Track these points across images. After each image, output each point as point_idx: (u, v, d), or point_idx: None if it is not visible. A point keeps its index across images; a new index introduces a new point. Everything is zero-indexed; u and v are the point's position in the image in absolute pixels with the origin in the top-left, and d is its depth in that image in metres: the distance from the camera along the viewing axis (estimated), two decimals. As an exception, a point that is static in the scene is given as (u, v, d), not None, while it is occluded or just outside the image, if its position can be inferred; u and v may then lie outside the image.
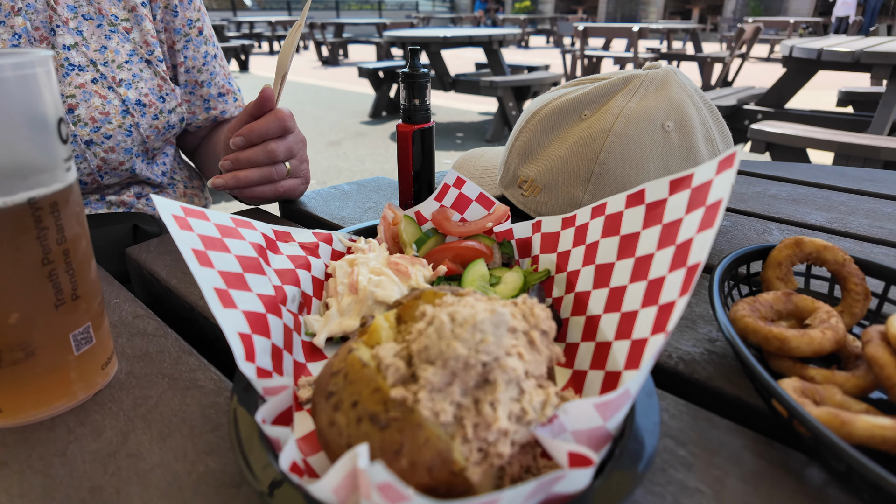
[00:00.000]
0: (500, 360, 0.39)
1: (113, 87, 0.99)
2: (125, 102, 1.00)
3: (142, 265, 0.87)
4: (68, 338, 0.53)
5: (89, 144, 0.98)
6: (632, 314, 0.50)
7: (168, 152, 1.18)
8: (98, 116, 0.98)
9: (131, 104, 1.01)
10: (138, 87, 1.02)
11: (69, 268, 0.52)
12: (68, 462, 0.49)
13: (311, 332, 0.63)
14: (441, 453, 0.37)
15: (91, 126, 0.97)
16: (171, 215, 0.56)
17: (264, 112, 0.92)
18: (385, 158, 5.74)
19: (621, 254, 0.56)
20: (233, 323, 0.49)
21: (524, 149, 0.93)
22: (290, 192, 1.02)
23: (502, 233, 0.75)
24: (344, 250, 0.76)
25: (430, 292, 0.51)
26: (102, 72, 0.98)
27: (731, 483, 0.46)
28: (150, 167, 1.12)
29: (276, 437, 0.41)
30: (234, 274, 0.55)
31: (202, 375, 0.60)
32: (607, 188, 0.83)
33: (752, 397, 0.56)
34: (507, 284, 0.68)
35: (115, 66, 1.00)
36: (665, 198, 0.53)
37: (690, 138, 0.83)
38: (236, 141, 0.92)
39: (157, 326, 0.69)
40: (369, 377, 0.40)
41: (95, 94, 0.97)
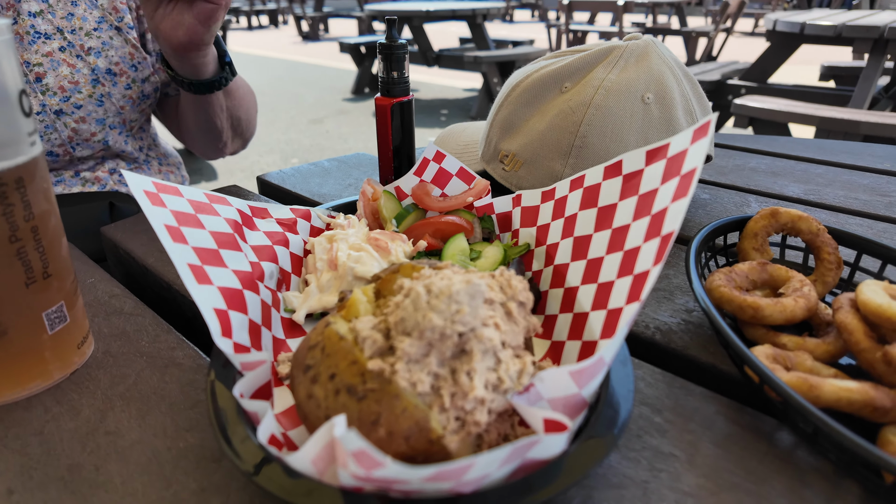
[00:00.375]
0: (477, 331, 0.39)
1: (81, 56, 0.96)
2: (95, 71, 0.97)
3: (118, 244, 0.86)
4: (41, 317, 0.52)
5: (59, 114, 0.96)
6: (608, 284, 0.51)
7: (145, 128, 1.15)
8: (67, 86, 0.95)
9: (101, 73, 0.98)
10: (108, 55, 0.99)
11: (39, 245, 0.51)
12: (45, 441, 0.48)
13: (290, 308, 0.63)
14: (418, 422, 0.37)
15: (60, 95, 0.95)
16: (143, 191, 0.55)
17: None
18: (369, 136, 5.66)
19: (599, 225, 0.56)
20: (208, 299, 0.48)
21: (505, 122, 0.93)
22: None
23: (483, 207, 0.75)
24: (323, 227, 0.75)
25: (408, 266, 0.51)
26: (70, 40, 0.95)
27: (704, 447, 0.47)
28: (126, 140, 1.09)
29: (254, 411, 0.41)
30: (209, 250, 0.54)
31: (181, 353, 0.60)
32: (587, 161, 0.83)
33: (727, 365, 0.57)
34: (488, 258, 0.68)
35: (84, 34, 0.97)
36: (641, 168, 0.54)
37: (670, 110, 0.83)
38: None
39: (133, 305, 0.68)
40: (346, 350, 0.40)
41: (63, 63, 0.94)
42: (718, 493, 0.43)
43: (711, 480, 0.44)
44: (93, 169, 1.07)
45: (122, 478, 0.45)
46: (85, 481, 0.44)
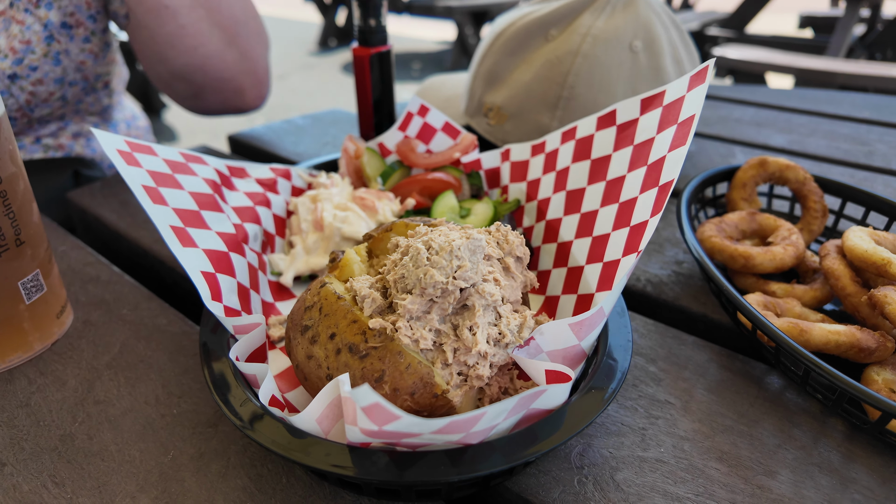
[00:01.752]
0: (478, 286, 0.39)
1: (30, 10, 0.86)
2: (47, 27, 0.88)
3: (86, 210, 0.82)
4: (17, 286, 0.50)
5: (14, 79, 0.88)
6: (603, 237, 0.50)
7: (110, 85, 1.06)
8: (18, 46, 0.86)
9: (55, 28, 0.89)
10: (61, 5, 0.87)
11: (8, 210, 0.48)
12: (33, 412, 0.47)
13: (276, 271, 0.61)
14: (423, 378, 0.37)
15: (12, 58, 0.87)
16: (116, 150, 0.52)
17: None
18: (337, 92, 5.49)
19: (592, 178, 0.55)
20: (194, 262, 0.46)
21: (489, 74, 0.90)
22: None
23: (470, 163, 0.73)
24: (304, 186, 0.73)
25: (402, 224, 0.49)
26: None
27: (697, 393, 0.48)
28: (89, 97, 1.01)
29: (252, 373, 0.40)
30: (190, 211, 0.52)
31: (164, 320, 0.58)
32: (576, 113, 0.81)
33: (717, 314, 0.58)
34: (478, 216, 0.67)
35: None
36: (636, 117, 0.53)
37: (658, 59, 0.82)
38: None
39: (110, 273, 0.66)
40: (345, 309, 0.39)
41: (12, 21, 0.86)
42: (713, 435, 0.44)
43: (706, 424, 0.45)
44: (55, 135, 1.00)
45: (118, 445, 0.44)
46: (79, 450, 0.43)
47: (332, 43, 7.37)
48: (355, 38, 0.85)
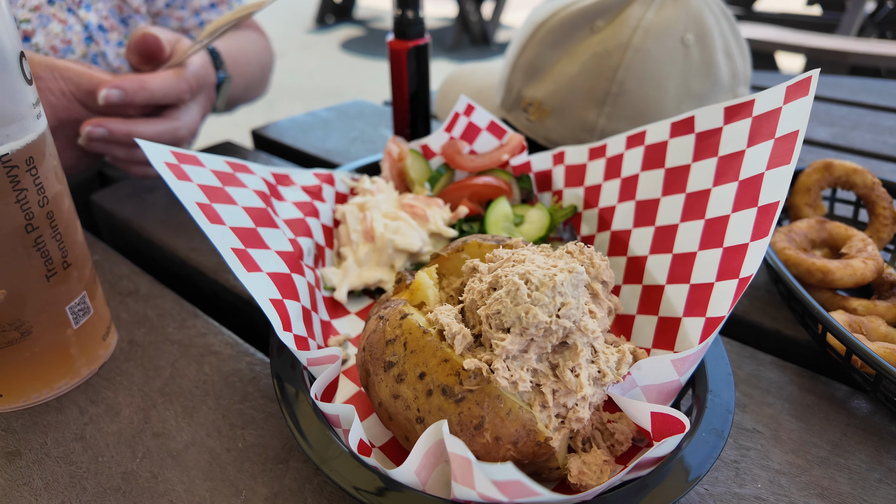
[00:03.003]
0: (580, 323, 0.36)
1: (73, 10, 0.82)
2: (87, 28, 0.84)
3: (113, 214, 0.78)
4: (65, 311, 0.47)
5: None
6: (687, 256, 0.47)
7: None
8: (59, 45, 0.82)
9: (94, 29, 0.85)
10: (97, 8, 0.86)
11: (55, 232, 0.45)
12: (90, 446, 0.44)
13: (329, 286, 0.58)
14: (525, 425, 0.34)
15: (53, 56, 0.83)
16: (164, 163, 0.49)
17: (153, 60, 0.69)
18: (336, 73, 5.38)
19: (668, 188, 0.52)
20: (262, 289, 0.43)
21: (529, 66, 0.86)
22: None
23: (520, 166, 0.70)
24: (347, 192, 0.70)
25: (474, 244, 0.46)
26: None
27: (785, 421, 0.46)
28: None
29: (335, 414, 0.37)
30: (248, 230, 0.49)
31: (214, 339, 0.55)
32: (625, 110, 0.78)
33: (791, 329, 0.56)
34: (533, 224, 0.64)
35: None
36: (719, 126, 0.49)
37: (710, 53, 0.78)
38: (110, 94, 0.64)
39: (150, 286, 0.63)
40: (434, 346, 0.37)
41: (54, 19, 0.81)
42: (809, 469, 0.42)
43: (800, 456, 0.43)
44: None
45: (185, 485, 0.41)
46: (144, 491, 0.41)
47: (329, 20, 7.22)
48: (391, 31, 0.81)
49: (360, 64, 5.66)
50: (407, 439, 0.38)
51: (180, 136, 0.73)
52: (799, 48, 3.14)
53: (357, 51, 5.99)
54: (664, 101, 0.78)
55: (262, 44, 1.06)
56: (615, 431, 0.41)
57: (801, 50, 3.13)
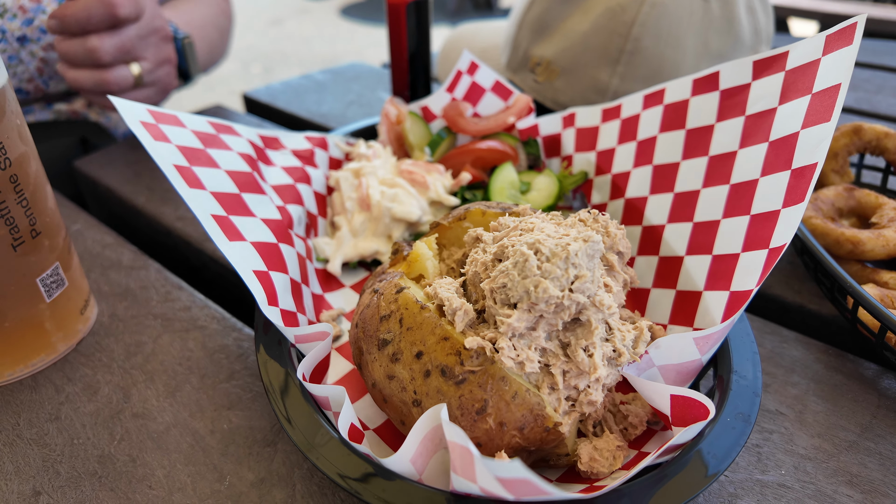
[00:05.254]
0: (594, 297, 0.32)
1: None
2: None
3: (96, 181, 0.74)
4: (35, 283, 0.43)
5: (23, 41, 0.79)
6: (710, 224, 0.43)
7: None
8: (28, 4, 0.77)
9: None
10: None
11: (21, 198, 0.41)
12: (65, 427, 0.42)
13: (322, 257, 0.55)
14: (532, 410, 0.31)
15: (22, 17, 0.77)
16: (140, 122, 0.45)
17: None
18: (335, 38, 5.24)
19: (689, 151, 0.48)
20: (245, 259, 0.40)
21: (537, 23, 0.81)
22: None
23: (527, 130, 0.65)
24: (342, 157, 0.65)
25: (477, 211, 0.42)
26: None
27: (811, 402, 0.43)
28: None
29: (325, 396, 0.34)
30: (231, 195, 0.45)
31: (200, 313, 0.52)
32: (640, 69, 0.73)
33: (815, 303, 0.52)
34: (540, 191, 0.60)
35: None
36: (747, 83, 0.45)
37: (732, 7, 0.73)
38: (50, 24, 0.66)
39: (132, 256, 0.59)
40: (432, 323, 0.33)
41: None
42: (837, 454, 0.39)
43: (826, 440, 0.40)
44: (69, 101, 0.91)
45: (165, 469, 0.39)
46: (121, 475, 0.38)
47: (328, -16, 7.00)
48: (389, -16, 0.75)
49: (360, 30, 5.52)
50: (403, 423, 0.35)
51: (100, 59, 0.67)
52: (813, 13, 3.03)
53: (356, 16, 5.83)
54: (682, 60, 0.73)
55: (219, 7, 1.00)
56: (629, 414, 0.38)
57: (815, 15, 3.02)
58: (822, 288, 0.49)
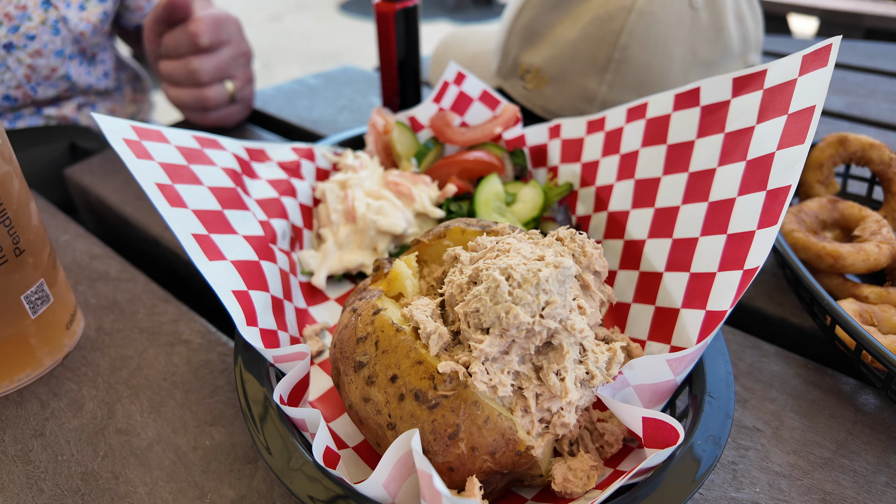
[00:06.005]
0: (566, 322, 0.33)
1: None
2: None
3: (87, 190, 0.75)
4: (20, 301, 0.44)
5: (9, 48, 0.79)
6: (688, 242, 0.44)
7: (106, 46, 0.98)
8: (14, 12, 0.77)
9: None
10: None
11: (3, 217, 0.41)
12: (49, 444, 0.42)
13: (307, 270, 0.55)
14: (504, 434, 0.32)
15: (7, 25, 0.77)
16: (122, 139, 0.45)
17: (177, 20, 0.74)
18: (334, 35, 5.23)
19: (670, 167, 0.48)
20: (224, 279, 0.40)
21: (526, 30, 0.81)
22: (227, 122, 0.85)
23: (513, 140, 0.66)
24: (329, 167, 0.66)
25: (457, 229, 0.43)
26: None
27: (788, 418, 0.43)
28: (88, 71, 0.93)
29: (301, 418, 0.35)
30: (212, 213, 0.45)
31: (186, 327, 0.52)
32: (628, 78, 0.73)
33: (796, 317, 0.52)
34: (525, 203, 0.60)
35: None
36: (727, 100, 0.45)
37: (720, 16, 0.73)
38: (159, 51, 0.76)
39: (120, 268, 0.60)
40: (407, 346, 0.33)
41: None
42: (811, 471, 0.40)
43: (802, 457, 0.41)
44: (58, 105, 0.91)
45: (147, 486, 0.39)
46: (104, 493, 0.39)
47: (327, -20, 6.96)
48: (377, -8, 0.75)
49: (359, 26, 5.50)
50: (378, 445, 0.35)
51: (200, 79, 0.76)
52: (812, 10, 3.02)
53: (355, 12, 5.81)
54: (670, 69, 0.73)
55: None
56: (605, 432, 0.38)
57: (815, 12, 3.01)
58: (802, 302, 0.50)
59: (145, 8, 0.98)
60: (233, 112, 0.84)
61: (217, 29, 0.75)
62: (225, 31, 0.77)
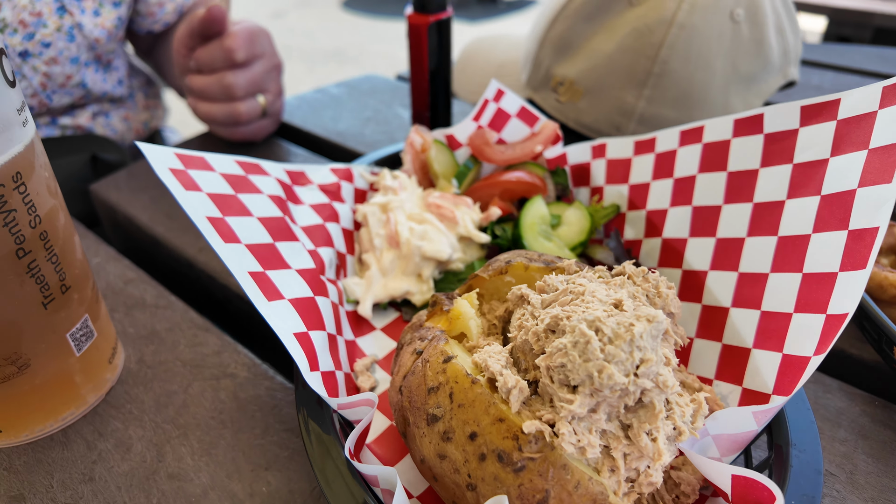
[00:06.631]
0: (658, 378, 0.31)
1: None
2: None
3: (114, 208, 0.73)
4: (66, 339, 0.42)
5: (25, 56, 0.77)
6: (756, 277, 0.42)
7: (119, 53, 0.96)
8: (28, 19, 0.75)
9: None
10: None
11: (51, 254, 0.40)
12: (100, 490, 0.41)
13: (352, 299, 0.53)
14: (596, 499, 0.30)
15: (23, 32, 0.76)
16: (169, 169, 0.43)
17: (212, 35, 0.72)
18: (338, 33, 5.19)
19: (731, 195, 0.47)
20: (285, 321, 0.39)
21: (560, 41, 0.79)
22: (257, 136, 0.83)
23: (554, 159, 0.64)
24: (366, 187, 0.64)
25: (520, 265, 0.41)
26: None
27: (861, 461, 0.42)
28: (104, 78, 0.91)
29: (373, 475, 0.33)
30: (265, 246, 0.44)
31: (230, 359, 0.51)
32: (668, 92, 0.71)
33: (856, 348, 0.51)
34: (571, 226, 0.58)
35: None
36: (794, 128, 0.43)
37: (762, 29, 0.71)
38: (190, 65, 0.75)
39: (156, 293, 0.58)
40: (485, 401, 0.32)
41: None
42: (890, 518, 0.38)
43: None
44: (72, 115, 0.89)
45: (205, 537, 0.38)
46: (161, 544, 0.37)
47: (329, -25, 6.91)
48: (410, 2, 0.73)
49: (363, 23, 5.47)
50: None
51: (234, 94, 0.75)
52: (821, 8, 2.99)
53: (359, 9, 5.77)
54: (710, 83, 0.71)
55: None
56: (681, 482, 0.37)
57: (824, 10, 2.98)
58: (865, 335, 0.48)
59: (157, 14, 0.96)
60: (263, 126, 0.82)
61: (252, 43, 0.74)
62: (259, 45, 0.75)
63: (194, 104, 0.79)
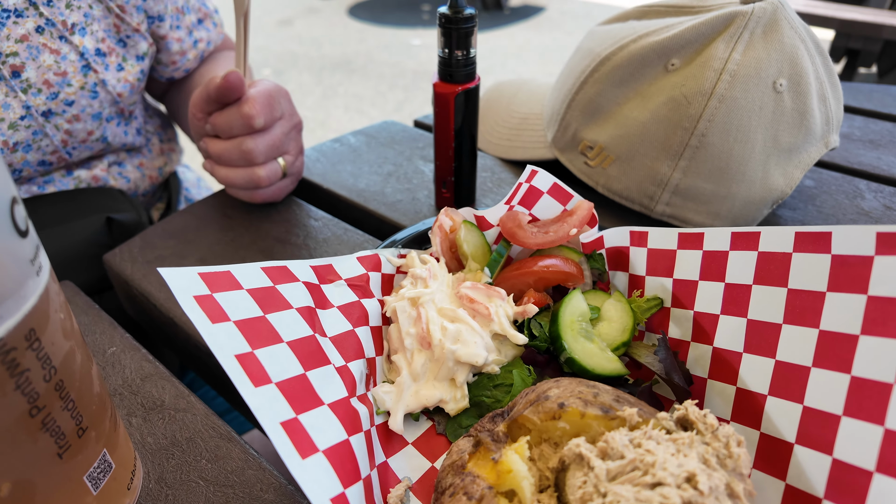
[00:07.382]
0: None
1: (66, 37, 0.72)
2: (84, 55, 0.75)
3: (129, 282, 0.70)
4: (83, 481, 0.40)
5: (48, 116, 0.75)
6: (824, 416, 0.39)
7: (138, 102, 0.94)
8: (53, 78, 0.73)
9: (91, 55, 0.76)
10: (93, 30, 0.75)
11: (67, 402, 0.37)
12: None
13: (383, 410, 0.51)
14: None
15: (47, 92, 0.73)
16: (193, 298, 0.41)
17: (229, 101, 0.70)
18: (344, 41, 5.18)
19: (793, 316, 0.44)
20: (321, 483, 0.36)
21: (590, 105, 0.76)
22: (277, 197, 0.80)
23: (591, 243, 0.61)
24: (393, 271, 0.61)
25: (575, 412, 0.38)
26: (48, 15, 0.71)
27: None
28: (125, 131, 0.89)
29: None
30: (296, 381, 0.41)
31: (254, 477, 0.48)
32: (705, 164, 0.68)
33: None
34: (612, 323, 0.55)
35: (63, 5, 0.73)
36: (869, 255, 0.40)
37: (805, 99, 0.68)
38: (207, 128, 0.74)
39: (176, 393, 0.55)
40: None
41: (45, 49, 0.71)
42: None
43: None
44: (89, 166, 0.87)
45: None
46: None
47: (334, -19, 6.91)
48: (437, 72, 0.71)
49: (369, 31, 5.45)
50: None
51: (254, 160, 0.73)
52: (830, 20, 2.95)
53: (365, 17, 5.75)
54: (750, 155, 0.68)
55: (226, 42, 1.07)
56: None
57: (832, 23, 2.95)
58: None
59: (179, 62, 0.94)
60: (283, 186, 0.80)
61: (271, 108, 0.71)
62: (278, 108, 0.73)
63: (211, 168, 0.76)
